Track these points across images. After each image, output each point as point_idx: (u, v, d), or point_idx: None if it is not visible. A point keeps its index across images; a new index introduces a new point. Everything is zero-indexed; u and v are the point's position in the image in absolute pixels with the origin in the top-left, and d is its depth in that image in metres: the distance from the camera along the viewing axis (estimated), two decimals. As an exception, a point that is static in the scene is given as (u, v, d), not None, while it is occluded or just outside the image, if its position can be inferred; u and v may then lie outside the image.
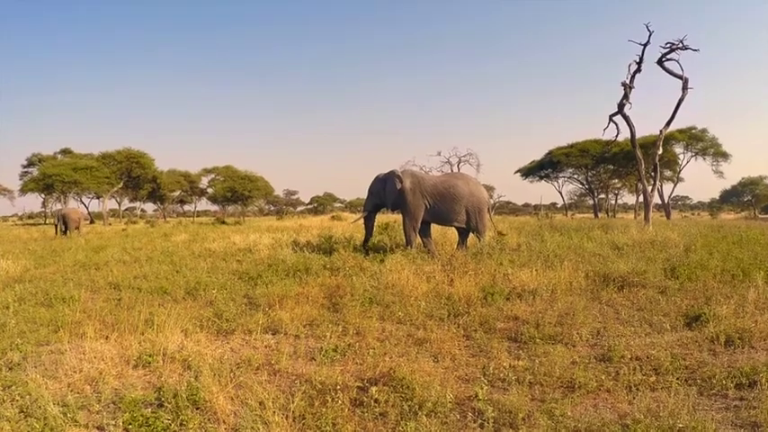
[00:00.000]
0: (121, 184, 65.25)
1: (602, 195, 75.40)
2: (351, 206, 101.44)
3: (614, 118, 26.04)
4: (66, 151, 71.09)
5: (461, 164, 57.60)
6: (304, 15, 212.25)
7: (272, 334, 7.57)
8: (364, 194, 16.29)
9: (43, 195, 66.57)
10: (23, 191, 62.51)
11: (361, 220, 16.67)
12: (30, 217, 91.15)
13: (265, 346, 6.99)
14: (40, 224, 58.82)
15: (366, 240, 15.76)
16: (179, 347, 6.48)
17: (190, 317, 7.96)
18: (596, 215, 63.10)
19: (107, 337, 6.96)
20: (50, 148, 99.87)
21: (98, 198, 69.09)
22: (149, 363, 6.08)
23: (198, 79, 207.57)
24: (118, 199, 75.93)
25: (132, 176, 66.11)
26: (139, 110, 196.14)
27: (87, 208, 77.47)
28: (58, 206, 60.16)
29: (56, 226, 31.32)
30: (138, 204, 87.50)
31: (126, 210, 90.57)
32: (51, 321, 8.10)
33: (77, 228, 30.80)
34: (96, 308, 8.83)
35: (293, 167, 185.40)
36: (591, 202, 76.75)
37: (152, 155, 67.80)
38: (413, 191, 14.97)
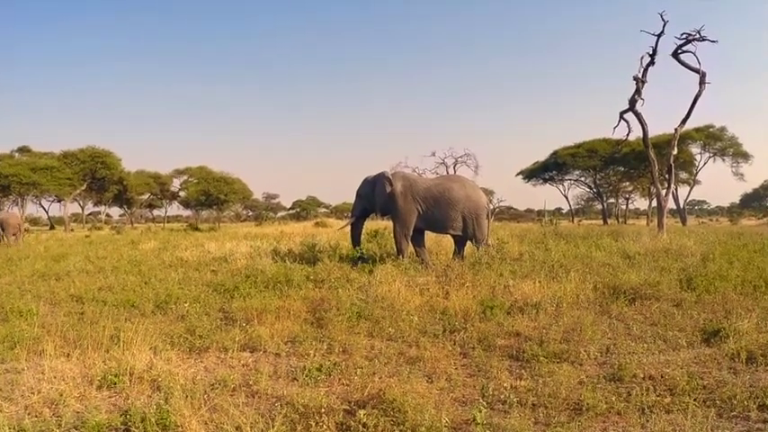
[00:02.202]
0: (85, 186, 64.91)
1: (612, 200, 75.84)
2: (337, 211, 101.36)
3: (625, 115, 26.20)
4: (24, 149, 70.63)
5: (458, 165, 57.88)
6: (287, 7, 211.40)
7: (250, 352, 7.54)
8: (351, 198, 16.30)
9: (-2, 198, 66.10)
10: (-25, 193, 62.05)
11: (348, 227, 16.63)
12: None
13: (243, 365, 6.97)
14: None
15: (356, 246, 15.68)
16: (147, 366, 6.44)
17: (159, 333, 7.93)
18: (605, 221, 63.37)
19: (68, 354, 6.92)
20: (6, 145, 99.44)
21: (59, 201, 68.78)
22: (115, 383, 6.05)
23: (168, 72, 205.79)
24: (81, 202, 75.64)
25: (97, 178, 65.74)
26: (104, 105, 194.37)
27: (47, 212, 77.26)
28: (15, 210, 59.75)
29: None
30: (102, 209, 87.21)
31: (89, 214, 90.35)
32: (7, 337, 8.02)
33: (15, 235, 30.30)
34: (57, 322, 8.77)
35: (274, 169, 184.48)
36: (599, 207, 77.12)
37: (118, 154, 67.57)
38: (404, 195, 14.95)
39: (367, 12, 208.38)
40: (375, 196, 15.35)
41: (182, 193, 77.59)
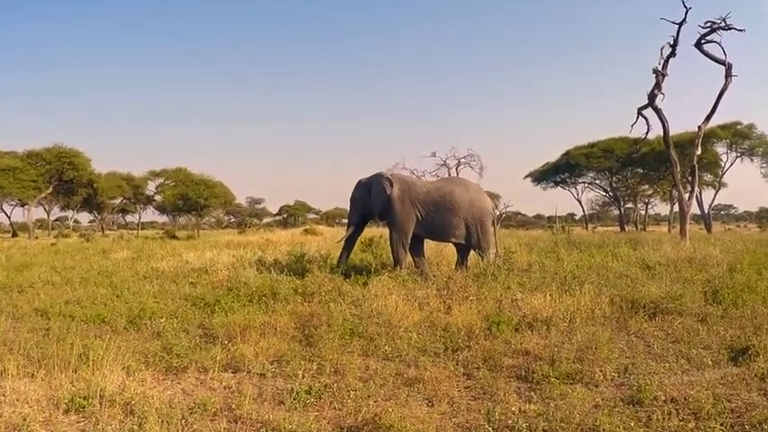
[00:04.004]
0: (51, 188, 64.68)
1: (630, 204, 75.81)
2: (327, 217, 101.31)
3: (644, 111, 26.21)
4: (-18, 149, 70.50)
5: (461, 167, 57.69)
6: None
7: (233, 372, 7.54)
8: (343, 203, 16.30)
9: (-46, 203, 65.87)
10: (-71, 197, 61.77)
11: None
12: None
13: (224, 387, 6.95)
14: (-50, 238, 58.27)
15: (341, 260, 15.68)
16: (120, 388, 6.43)
17: (133, 351, 7.91)
18: (623, 228, 63.38)
19: (32, 374, 6.91)
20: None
21: (22, 206, 68.52)
22: (84, 407, 6.02)
23: (143, 66, 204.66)
24: (46, 207, 75.42)
25: (64, 180, 65.43)
26: (72, 99, 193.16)
27: (9, 217, 76.95)
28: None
29: None
30: (70, 214, 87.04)
31: (56, 220, 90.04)
32: (-37, 356, 8.02)
33: None
34: (19, 339, 8.75)
35: (258, 171, 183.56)
36: (616, 212, 77.25)
37: (88, 154, 67.29)
38: (401, 199, 14.92)
39: (360, 7, 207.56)
40: (372, 199, 15.31)
41: (157, 198, 77.26)
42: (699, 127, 25.73)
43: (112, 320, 10.30)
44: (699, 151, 25.81)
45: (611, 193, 71.08)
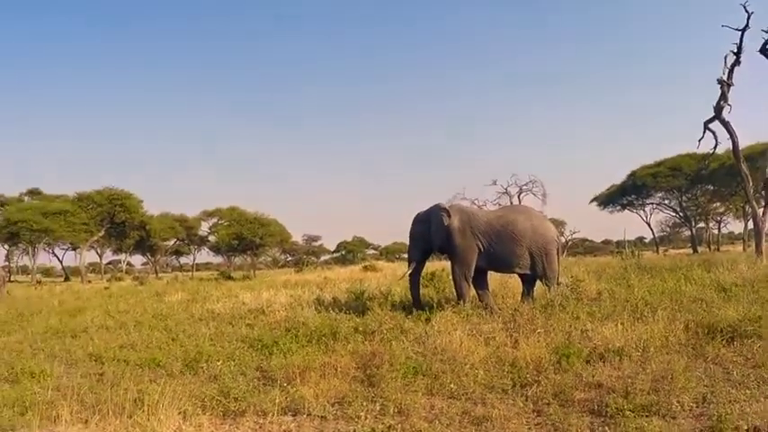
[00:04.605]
0: (103, 231, 65.94)
1: (702, 224, 74.48)
2: (387, 253, 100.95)
3: (711, 125, 25.85)
4: (34, 192, 72.01)
5: (523, 194, 57.49)
6: (333, 22, 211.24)
7: (293, 415, 7.53)
8: (403, 238, 16.21)
9: (7, 246, 67.31)
10: (-18, 241, 63.08)
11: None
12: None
13: (284, 431, 6.96)
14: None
15: (416, 300, 15.46)
16: (176, 434, 6.46)
17: (189, 395, 7.95)
18: (695, 249, 62.38)
19: (86, 420, 7.01)
20: (15, 188, 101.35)
21: (74, 249, 70.01)
22: (140, 454, 6.07)
23: (191, 102, 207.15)
24: (98, 250, 76.95)
25: (115, 222, 66.73)
26: (121, 140, 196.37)
27: (61, 261, 78.52)
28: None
29: None
30: (123, 257, 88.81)
31: (108, 264, 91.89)
32: (18, 401, 8.15)
33: None
34: (73, 384, 8.85)
35: (314, 207, 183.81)
36: (687, 233, 75.97)
37: (139, 195, 68.57)
38: (462, 231, 14.80)
39: (419, 34, 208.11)
40: (432, 233, 15.19)
41: (211, 238, 78.26)
42: (771, 138, 25.27)
43: (168, 364, 10.41)
44: (772, 164, 25.36)
45: (681, 213, 70.04)
